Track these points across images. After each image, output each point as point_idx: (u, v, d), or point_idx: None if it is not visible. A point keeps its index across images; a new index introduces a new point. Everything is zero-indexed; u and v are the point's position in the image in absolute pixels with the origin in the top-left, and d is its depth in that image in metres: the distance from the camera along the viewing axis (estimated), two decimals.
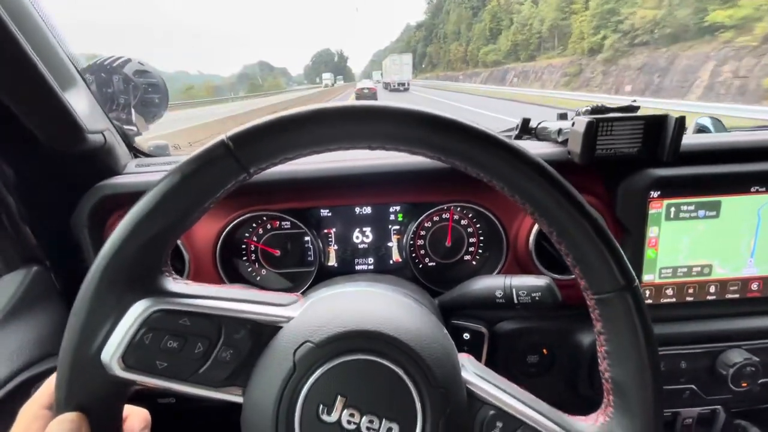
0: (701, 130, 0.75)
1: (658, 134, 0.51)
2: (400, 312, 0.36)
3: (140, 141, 0.85)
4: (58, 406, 0.30)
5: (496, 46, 59.42)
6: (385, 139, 0.32)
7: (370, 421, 0.31)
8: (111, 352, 0.30)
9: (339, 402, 0.31)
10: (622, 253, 0.32)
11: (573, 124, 0.55)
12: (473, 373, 0.34)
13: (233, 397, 0.33)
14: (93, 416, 0.30)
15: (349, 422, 0.30)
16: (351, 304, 0.36)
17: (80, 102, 0.56)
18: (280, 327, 0.34)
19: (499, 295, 0.54)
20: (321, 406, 0.31)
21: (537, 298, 0.52)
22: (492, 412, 0.33)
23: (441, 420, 0.30)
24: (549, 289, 0.52)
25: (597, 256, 0.31)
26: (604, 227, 0.32)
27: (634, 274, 0.32)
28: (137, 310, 0.31)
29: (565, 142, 0.60)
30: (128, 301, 0.31)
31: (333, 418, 0.30)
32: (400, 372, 0.31)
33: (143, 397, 0.37)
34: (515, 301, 0.53)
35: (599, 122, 0.51)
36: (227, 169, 0.31)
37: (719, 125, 0.74)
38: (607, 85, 22.49)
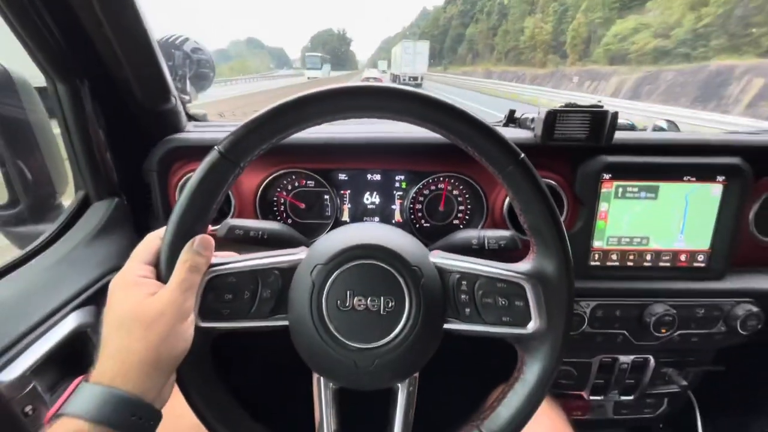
0: (658, 129, 0.90)
1: (601, 124, 0.67)
2: (379, 231, 0.50)
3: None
4: None
5: (658, 20, 26.07)
6: (322, 117, 0.43)
7: (372, 300, 0.44)
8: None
9: (349, 295, 0.44)
10: (506, 138, 0.43)
11: (538, 113, 0.71)
12: (440, 257, 0.49)
13: (280, 322, 0.46)
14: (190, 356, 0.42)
15: (359, 305, 0.45)
16: (343, 235, 0.49)
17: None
18: (297, 264, 0.47)
19: (474, 243, 0.70)
20: (338, 301, 0.45)
21: (502, 244, 0.68)
22: (457, 276, 0.47)
23: (419, 287, 0.45)
24: (512, 239, 0.68)
25: (491, 146, 0.43)
26: (486, 124, 0.43)
27: (518, 150, 0.43)
28: (202, 280, 0.44)
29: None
30: None
31: (348, 306, 0.44)
32: (383, 264, 0.45)
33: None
34: (486, 246, 0.69)
35: (557, 113, 0.67)
36: (224, 169, 0.42)
37: (673, 127, 0.89)
38: None
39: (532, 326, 0.45)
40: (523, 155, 0.43)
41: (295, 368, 0.49)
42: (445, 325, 0.47)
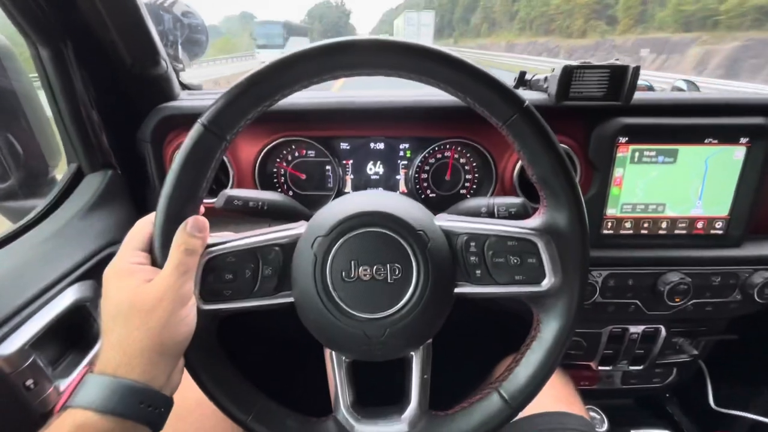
0: (677, 89, 0.85)
1: (621, 81, 0.63)
2: (379, 198, 0.47)
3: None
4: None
5: None
6: (308, 78, 0.40)
7: (378, 269, 0.42)
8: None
9: (353, 265, 0.42)
10: (507, 85, 0.40)
11: (553, 70, 0.66)
12: (445, 220, 0.46)
13: (286, 299, 0.44)
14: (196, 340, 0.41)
15: (364, 275, 0.42)
16: (342, 205, 0.46)
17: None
18: (297, 239, 0.45)
19: (483, 210, 0.67)
20: (342, 272, 0.42)
21: (513, 212, 0.65)
22: (465, 237, 0.45)
23: (426, 250, 0.43)
24: (523, 205, 0.65)
25: (492, 95, 0.40)
26: (485, 71, 0.39)
27: (522, 96, 0.40)
28: (199, 262, 0.42)
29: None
30: None
31: (353, 277, 0.42)
32: (386, 231, 0.43)
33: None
34: (495, 215, 0.66)
35: (574, 69, 0.62)
36: (210, 143, 0.40)
37: (693, 87, 0.84)
38: None
39: (546, 283, 0.44)
40: (527, 102, 0.40)
41: (306, 344, 0.48)
42: (456, 289, 0.45)
